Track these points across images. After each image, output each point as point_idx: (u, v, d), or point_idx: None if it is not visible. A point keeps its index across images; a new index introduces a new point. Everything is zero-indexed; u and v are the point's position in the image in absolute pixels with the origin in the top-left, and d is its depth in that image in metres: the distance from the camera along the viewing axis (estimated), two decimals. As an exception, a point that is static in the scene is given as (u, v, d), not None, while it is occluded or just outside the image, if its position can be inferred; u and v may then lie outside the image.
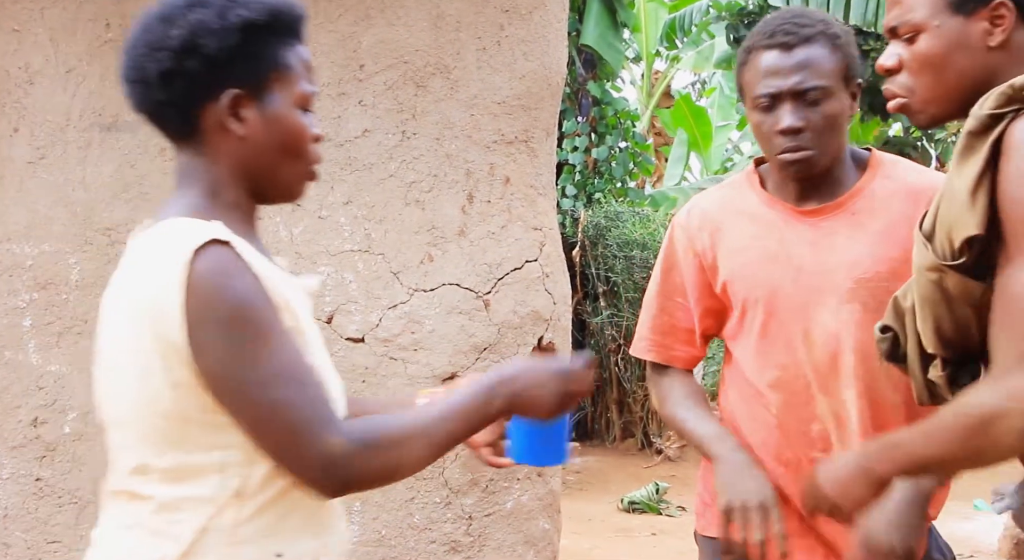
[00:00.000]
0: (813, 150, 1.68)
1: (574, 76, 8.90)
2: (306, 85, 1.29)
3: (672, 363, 1.89)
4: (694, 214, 1.84)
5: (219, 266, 1.14)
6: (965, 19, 1.34)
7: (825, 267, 1.71)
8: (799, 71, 1.67)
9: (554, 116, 2.74)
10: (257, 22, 1.22)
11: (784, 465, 1.76)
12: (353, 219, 2.56)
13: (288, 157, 1.28)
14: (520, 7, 2.59)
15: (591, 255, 8.16)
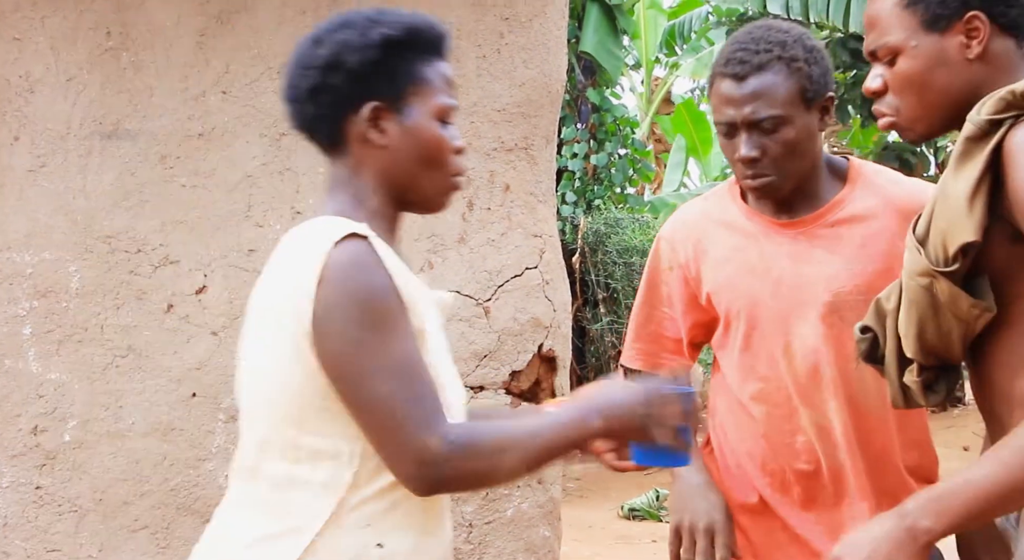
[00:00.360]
0: (773, 176, 1.68)
1: (573, 83, 8.92)
2: (445, 98, 1.35)
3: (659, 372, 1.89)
4: (677, 226, 1.85)
5: (353, 257, 1.21)
6: (940, 36, 1.35)
7: (804, 280, 1.71)
8: (751, 101, 1.66)
9: (554, 123, 2.75)
10: (395, 38, 1.31)
11: (770, 475, 1.76)
12: (353, 226, 2.56)
13: (427, 167, 1.34)
14: (520, 15, 2.60)
15: (591, 262, 8.17)
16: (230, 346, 2.55)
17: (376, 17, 1.33)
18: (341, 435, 1.24)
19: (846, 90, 10.08)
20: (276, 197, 2.57)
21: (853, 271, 1.69)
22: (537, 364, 2.64)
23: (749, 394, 1.76)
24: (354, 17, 1.34)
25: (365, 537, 1.24)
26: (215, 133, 2.57)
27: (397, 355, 1.21)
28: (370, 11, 1.34)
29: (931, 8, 1.35)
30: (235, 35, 2.56)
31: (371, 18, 1.32)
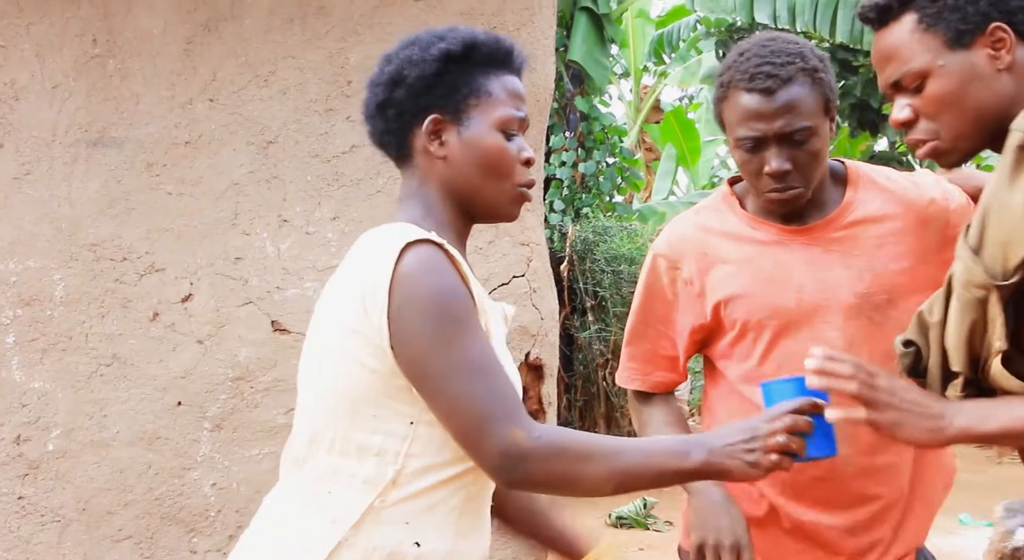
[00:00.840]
0: (801, 187, 1.69)
1: (562, 91, 8.93)
2: (509, 110, 1.37)
3: (655, 390, 1.90)
4: (675, 241, 1.82)
5: (426, 261, 1.24)
6: (967, 52, 1.34)
7: (826, 285, 1.71)
8: (784, 115, 1.65)
9: (541, 132, 2.75)
10: (455, 53, 1.34)
11: (780, 484, 1.75)
12: (341, 235, 2.55)
13: (489, 177, 1.36)
14: (507, 24, 2.60)
15: (579, 270, 8.17)
16: (216, 354, 2.53)
17: (441, 33, 1.36)
18: (391, 433, 1.27)
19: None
20: (263, 205, 2.56)
21: (875, 272, 1.70)
22: (524, 372, 2.63)
23: None
24: (423, 35, 1.38)
25: (402, 534, 1.27)
26: (202, 141, 2.56)
27: (476, 352, 1.23)
28: (441, 29, 1.38)
29: (953, 25, 1.35)
30: (222, 43, 2.55)
31: (437, 35, 1.36)
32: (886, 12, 1.40)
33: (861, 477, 1.72)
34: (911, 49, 1.37)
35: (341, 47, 2.54)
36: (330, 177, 2.56)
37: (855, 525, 1.73)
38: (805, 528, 1.74)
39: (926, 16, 1.36)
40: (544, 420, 2.65)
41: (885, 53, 1.40)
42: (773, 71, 1.66)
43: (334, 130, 2.55)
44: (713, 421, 1.83)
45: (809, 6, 8.32)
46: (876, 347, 1.68)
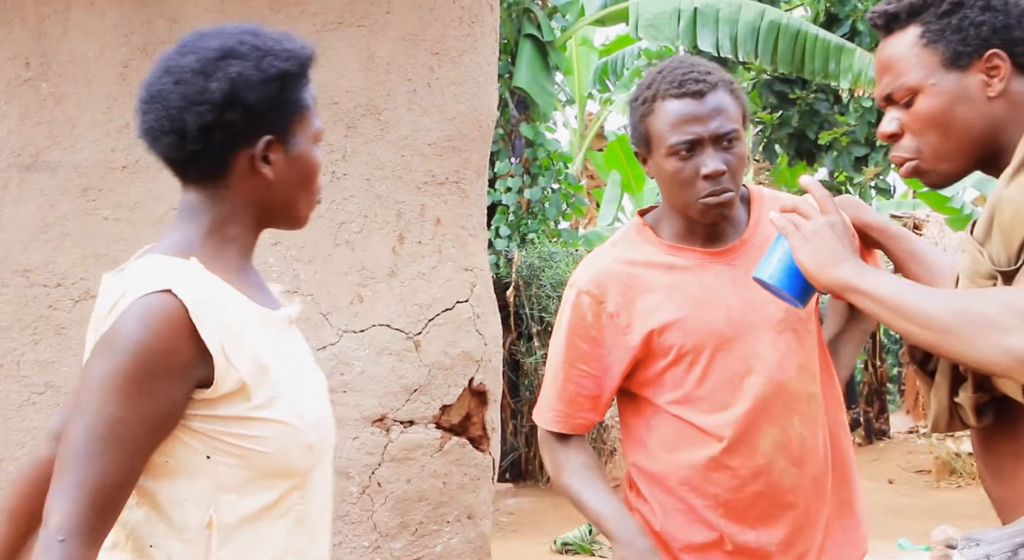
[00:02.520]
0: (733, 191, 1.74)
1: (507, 118, 8.99)
2: (319, 121, 1.36)
3: (576, 431, 1.87)
4: (597, 275, 1.82)
5: (144, 316, 1.18)
6: (961, 73, 1.34)
7: (754, 303, 1.75)
8: (715, 116, 1.72)
9: (485, 157, 2.76)
10: (290, 72, 1.28)
11: (722, 505, 1.76)
12: (282, 260, 2.53)
13: (303, 191, 1.34)
14: (450, 50, 2.62)
15: (525, 295, 8.19)
16: (153, 382, 2.49)
17: (262, 45, 1.28)
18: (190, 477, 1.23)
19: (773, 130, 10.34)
20: (202, 230, 2.53)
21: None
22: (468, 398, 2.62)
23: (712, 424, 1.75)
24: (237, 45, 1.27)
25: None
26: (139, 166, 2.52)
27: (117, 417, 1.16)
28: (247, 34, 1.29)
29: (952, 45, 1.34)
30: (161, 66, 2.53)
31: (258, 46, 1.28)
32: (893, 20, 1.40)
33: (795, 489, 1.75)
34: (908, 63, 1.37)
35: (282, 72, 2.53)
36: (271, 202, 2.54)
37: (788, 538, 1.76)
38: (747, 549, 1.76)
39: (929, 32, 1.36)
40: (488, 446, 2.65)
41: (884, 62, 1.40)
42: (700, 77, 1.74)
43: (275, 155, 2.53)
44: (641, 450, 1.82)
45: (751, 36, 8.49)
46: (800, 359, 1.75)
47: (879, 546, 6.36)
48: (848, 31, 9.29)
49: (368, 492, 2.50)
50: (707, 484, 1.76)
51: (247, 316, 1.27)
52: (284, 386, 1.27)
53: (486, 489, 2.64)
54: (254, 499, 1.25)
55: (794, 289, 1.47)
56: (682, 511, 1.78)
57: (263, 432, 1.24)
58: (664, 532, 1.79)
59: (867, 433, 11.30)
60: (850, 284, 1.34)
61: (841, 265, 1.36)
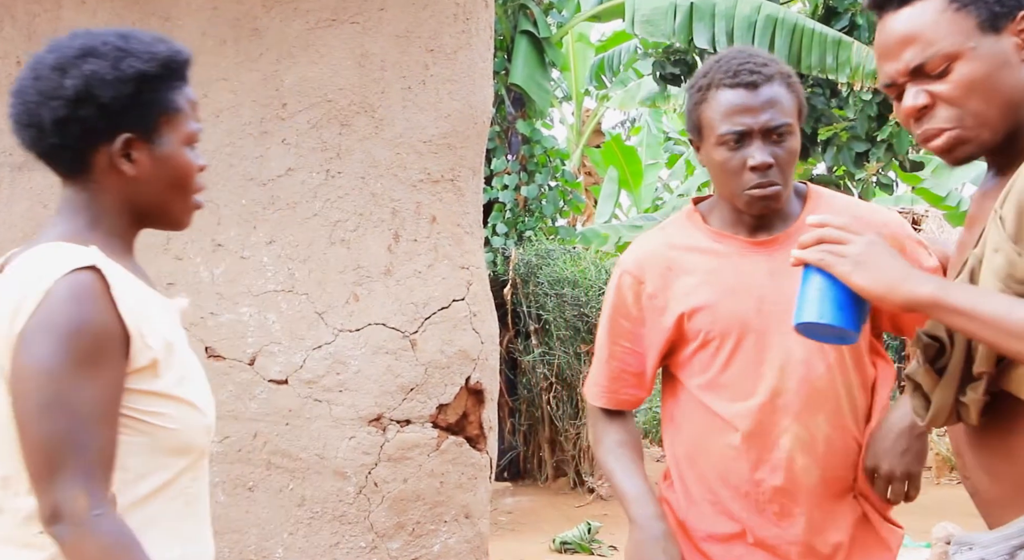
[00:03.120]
0: (780, 185, 1.73)
1: (503, 115, 8.96)
2: (193, 124, 1.37)
3: (621, 407, 1.91)
4: (641, 256, 1.86)
5: (74, 291, 1.20)
6: (997, 36, 1.29)
7: (787, 295, 1.72)
8: (768, 109, 1.71)
9: (480, 155, 2.74)
10: (149, 73, 1.30)
11: (743, 497, 1.76)
12: (276, 259, 2.51)
13: (176, 192, 1.36)
14: (445, 47, 2.60)
15: (522, 293, 8.17)
16: (147, 383, 2.48)
17: (124, 46, 1.30)
18: None
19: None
20: (196, 229, 2.50)
21: None
22: (464, 397, 2.61)
23: (735, 412, 1.76)
24: (99, 45, 1.30)
25: None
26: (132, 164, 2.51)
27: (85, 397, 1.19)
28: (113, 36, 1.32)
29: (989, 7, 1.29)
30: (153, 64, 2.51)
31: (120, 47, 1.30)
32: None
33: (817, 488, 1.74)
34: (940, 29, 1.29)
35: (275, 70, 2.51)
36: (265, 201, 2.52)
37: (807, 537, 1.75)
38: (766, 544, 1.76)
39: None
40: (485, 445, 2.63)
41: (905, 35, 1.31)
42: (755, 69, 1.73)
43: (269, 153, 2.51)
44: (675, 431, 1.85)
45: (747, 31, 8.47)
46: (833, 358, 1.73)
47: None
48: (847, 25, 9.26)
49: (365, 492, 2.49)
50: (729, 473, 1.77)
51: (149, 299, 1.31)
52: (188, 368, 1.32)
53: (483, 488, 2.62)
54: (152, 479, 1.27)
55: (848, 321, 1.34)
56: (708, 501, 1.79)
57: (170, 410, 1.27)
58: (688, 521, 1.80)
59: (866, 429, 11.27)
60: (937, 300, 1.25)
61: (913, 280, 1.27)
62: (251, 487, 2.48)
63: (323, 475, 2.47)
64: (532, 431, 8.21)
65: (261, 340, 2.49)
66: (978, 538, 1.33)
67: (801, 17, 8.63)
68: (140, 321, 1.25)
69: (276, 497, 2.47)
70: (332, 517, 2.47)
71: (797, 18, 8.53)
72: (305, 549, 2.46)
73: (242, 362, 2.48)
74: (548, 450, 8.12)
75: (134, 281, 1.30)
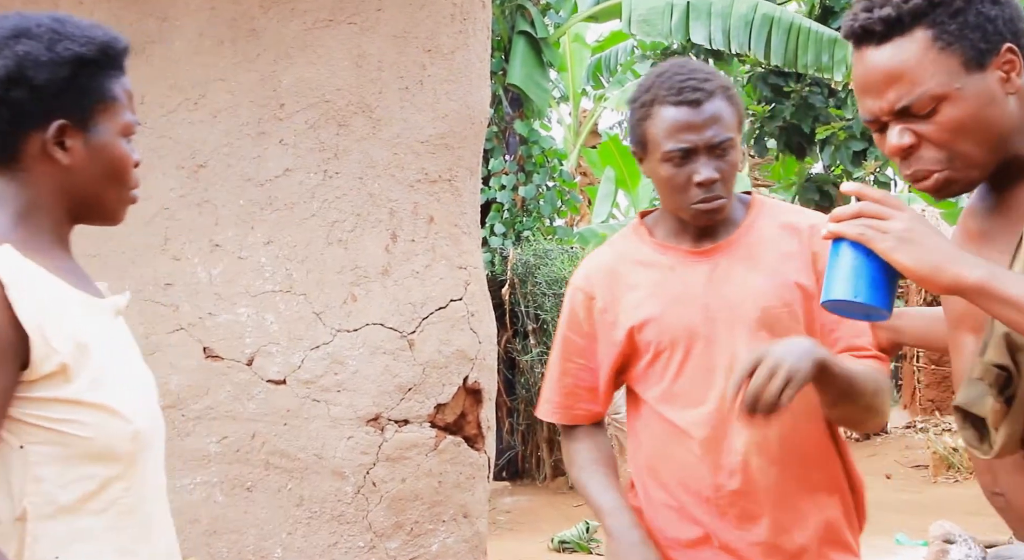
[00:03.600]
0: (725, 198, 1.77)
1: (501, 115, 8.97)
2: (129, 115, 1.32)
3: (576, 422, 1.94)
4: (591, 272, 1.89)
5: None
6: (982, 74, 1.25)
7: (731, 301, 1.78)
8: (711, 125, 1.74)
9: (477, 155, 2.75)
10: (87, 57, 1.26)
11: (705, 502, 1.78)
12: (274, 259, 2.51)
13: (111, 184, 1.31)
14: (442, 47, 2.60)
15: (520, 293, 8.18)
16: (145, 383, 2.48)
17: (60, 29, 1.26)
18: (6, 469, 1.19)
19: (764, 123, 10.34)
20: (194, 229, 2.52)
21: (775, 284, 1.77)
22: (462, 397, 2.61)
23: (688, 420, 1.78)
24: (33, 27, 1.25)
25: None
26: (130, 164, 2.51)
27: None
28: (48, 19, 1.27)
29: (974, 45, 1.25)
30: (150, 65, 2.51)
31: (56, 30, 1.26)
32: (894, 26, 1.27)
33: (775, 488, 1.75)
34: (925, 70, 1.25)
35: (273, 70, 2.52)
36: (263, 201, 2.52)
37: (771, 539, 1.77)
38: (731, 548, 1.78)
39: (945, 34, 1.25)
40: (483, 445, 2.64)
41: (888, 73, 1.27)
42: (698, 85, 1.75)
43: (267, 154, 2.52)
44: (636, 443, 1.87)
45: (743, 30, 8.48)
46: None
47: (877, 541, 6.36)
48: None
49: (363, 492, 2.49)
50: (689, 480, 1.79)
51: (65, 298, 1.24)
52: (108, 371, 1.24)
53: (481, 488, 2.63)
54: (73, 489, 1.21)
55: (882, 300, 1.26)
56: (673, 508, 1.81)
57: (84, 417, 1.21)
58: (654, 529, 1.82)
59: (864, 428, 11.27)
60: (985, 287, 1.17)
61: (962, 262, 1.18)
62: (249, 487, 2.48)
63: (321, 475, 2.47)
64: (530, 431, 8.21)
65: (259, 340, 2.49)
66: (1017, 551, 1.30)
67: (798, 16, 8.65)
68: (44, 323, 1.19)
69: (274, 497, 2.47)
70: (330, 517, 2.48)
71: (793, 17, 8.54)
72: (303, 549, 2.46)
73: (240, 362, 2.49)
74: (546, 449, 8.13)
75: (47, 280, 1.23)
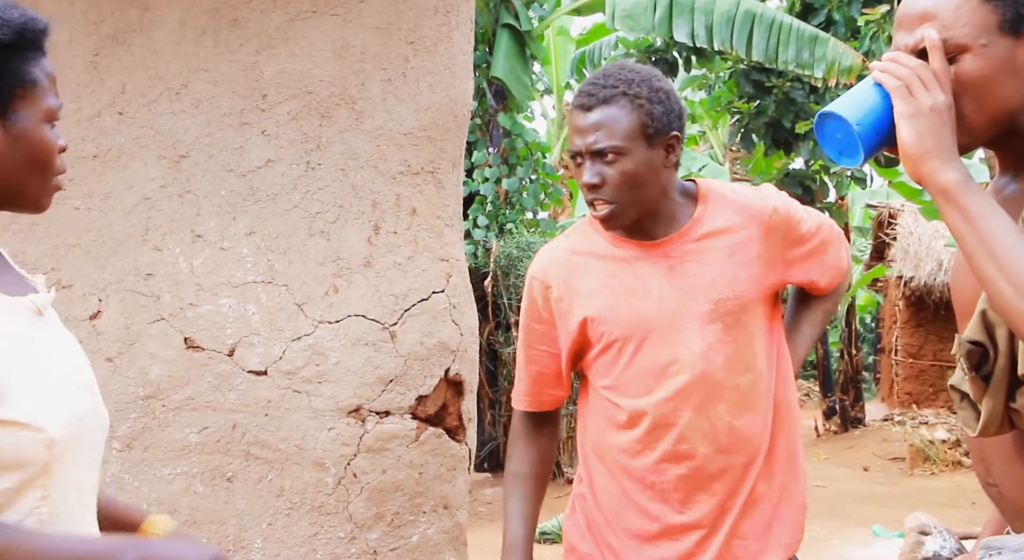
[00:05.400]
0: (614, 204, 1.80)
1: (485, 107, 8.97)
2: (52, 99, 1.28)
3: (543, 408, 2.01)
4: (546, 263, 1.95)
5: None
6: (1014, 40, 1.23)
7: (684, 293, 1.83)
8: (594, 132, 1.79)
9: (460, 147, 2.75)
10: (3, 41, 1.21)
11: (649, 488, 1.84)
12: (256, 250, 2.51)
13: (34, 172, 1.26)
14: (425, 39, 2.60)
15: (503, 285, 8.20)
16: (125, 372, 2.47)
17: None
18: None
19: (750, 120, 10.38)
20: (175, 220, 2.51)
21: (727, 277, 1.83)
22: (444, 388, 2.62)
23: (635, 408, 1.84)
24: None
25: None
26: (111, 155, 2.50)
27: None
28: None
29: (1018, 8, 1.22)
30: (131, 55, 2.50)
31: None
32: None
33: (722, 475, 1.80)
34: (959, 16, 1.23)
35: (255, 61, 2.51)
36: (245, 192, 2.52)
37: (712, 518, 1.84)
38: (673, 528, 1.85)
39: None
40: (464, 436, 2.65)
41: (926, 11, 1.25)
42: (593, 91, 1.81)
43: (249, 144, 2.51)
44: (584, 430, 1.94)
45: (726, 26, 8.51)
46: (730, 350, 1.83)
47: (854, 532, 6.41)
48: (823, 21, 9.33)
49: (344, 483, 2.50)
50: (633, 466, 1.85)
51: None
52: (17, 379, 1.17)
53: (462, 479, 2.64)
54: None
55: (869, 141, 1.25)
56: (617, 494, 1.88)
57: None
58: (596, 518, 1.89)
59: (843, 421, 11.39)
60: (951, 192, 1.18)
61: (948, 163, 1.18)
62: (230, 478, 2.48)
63: (302, 466, 2.48)
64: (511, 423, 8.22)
65: (240, 331, 2.49)
66: (1007, 541, 1.31)
67: (779, 13, 8.69)
68: None
69: (255, 488, 2.48)
70: (311, 508, 2.48)
71: (775, 14, 8.58)
72: (284, 540, 2.46)
73: (221, 353, 2.48)
74: (527, 442, 8.14)
75: None
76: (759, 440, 1.84)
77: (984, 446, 1.36)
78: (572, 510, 1.98)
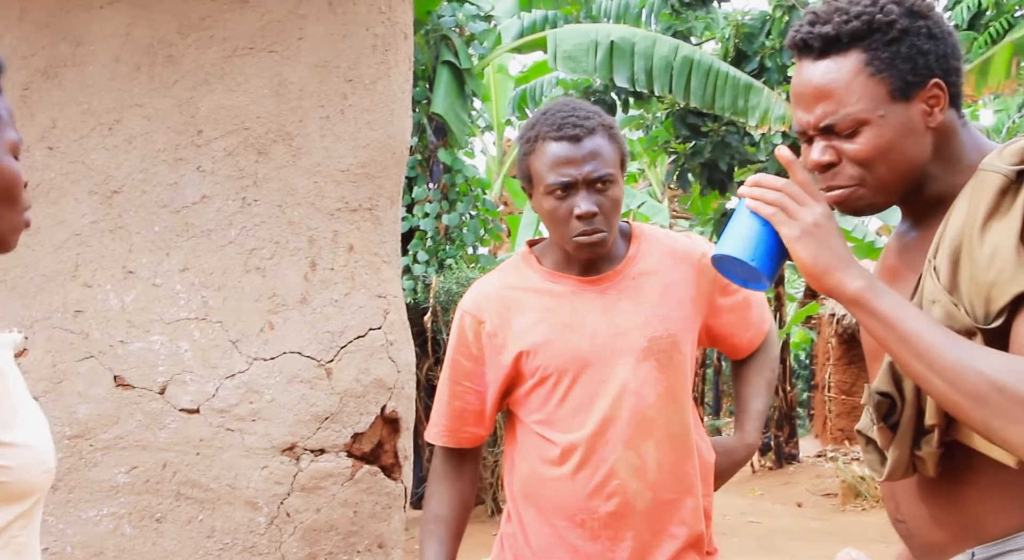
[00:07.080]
0: (606, 231, 1.84)
1: (425, 143, 8.99)
2: (13, 133, 1.27)
3: (461, 445, 2.01)
4: (479, 297, 1.95)
5: None
6: (906, 105, 1.30)
7: (619, 330, 1.85)
8: (591, 160, 1.81)
9: (399, 184, 2.76)
10: None
11: (579, 525, 1.84)
12: (190, 286, 2.48)
13: (4, 205, 1.25)
14: (363, 77, 2.62)
15: (443, 321, 8.17)
16: (52, 412, 2.41)
17: None
18: None
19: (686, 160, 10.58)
20: (106, 256, 2.47)
21: (661, 316, 1.86)
22: (380, 426, 2.61)
23: (566, 443, 1.84)
24: None
25: None
26: (40, 189, 2.46)
27: None
28: None
29: (902, 75, 1.30)
30: (62, 90, 2.47)
31: None
32: (832, 44, 1.32)
33: (648, 511, 1.82)
34: (852, 93, 1.30)
35: (191, 97, 2.50)
36: (179, 228, 2.49)
37: (634, 554, 1.84)
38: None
39: (876, 61, 1.30)
40: (400, 474, 2.63)
41: (821, 89, 1.32)
42: (578, 122, 1.84)
43: (183, 180, 2.49)
44: (513, 469, 1.94)
45: (665, 71, 8.68)
46: (662, 387, 1.85)
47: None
48: (756, 67, 9.57)
49: (276, 522, 2.46)
50: (564, 503, 1.85)
51: None
52: (20, 408, 1.21)
53: (398, 518, 2.62)
54: None
55: (769, 271, 1.32)
56: (545, 533, 1.87)
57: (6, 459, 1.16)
58: (531, 556, 1.89)
59: (777, 457, 11.52)
60: (861, 300, 1.24)
61: (848, 271, 1.25)
62: (159, 518, 2.43)
63: (234, 505, 2.44)
64: (450, 460, 8.15)
65: (172, 369, 2.45)
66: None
67: (716, 60, 8.89)
68: None
69: (185, 528, 2.43)
70: (243, 548, 2.44)
71: (712, 61, 8.77)
72: (214, 582, 2.41)
73: (152, 391, 2.44)
74: (466, 479, 8.09)
75: None
76: (687, 480, 1.86)
77: (893, 485, 1.41)
78: (501, 549, 1.97)
